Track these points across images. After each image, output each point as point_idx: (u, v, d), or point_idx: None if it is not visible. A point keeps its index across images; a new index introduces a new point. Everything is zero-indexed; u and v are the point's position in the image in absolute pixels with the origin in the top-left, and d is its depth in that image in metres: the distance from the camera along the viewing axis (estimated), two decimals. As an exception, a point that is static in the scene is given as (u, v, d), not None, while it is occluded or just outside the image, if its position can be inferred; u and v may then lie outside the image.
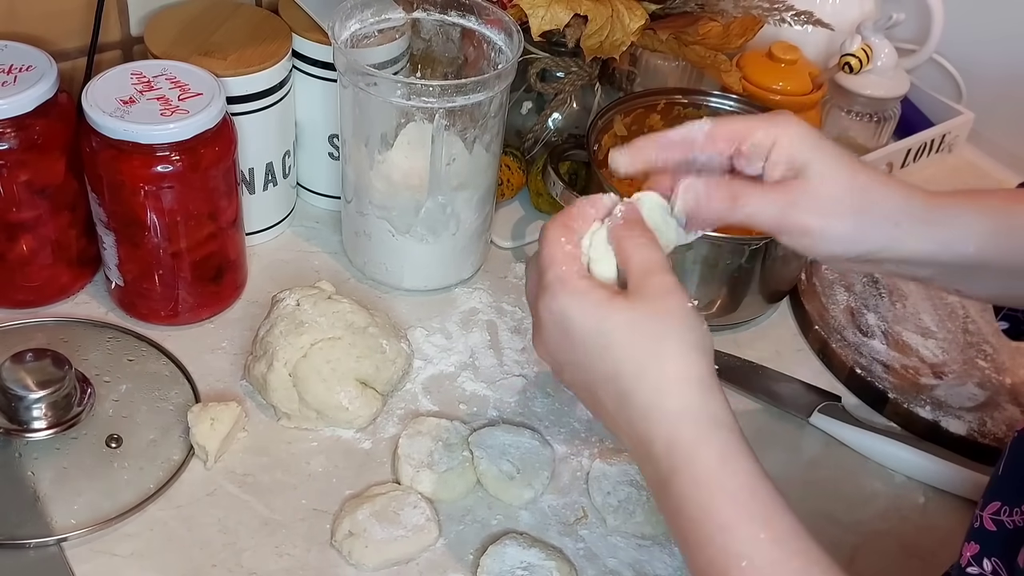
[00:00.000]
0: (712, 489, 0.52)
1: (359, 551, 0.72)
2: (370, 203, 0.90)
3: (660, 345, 0.55)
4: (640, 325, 0.55)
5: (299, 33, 0.91)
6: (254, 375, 0.81)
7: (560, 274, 0.57)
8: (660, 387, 0.54)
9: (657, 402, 0.54)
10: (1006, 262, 0.64)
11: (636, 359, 0.55)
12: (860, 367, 0.91)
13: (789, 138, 0.61)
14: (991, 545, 0.59)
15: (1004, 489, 0.60)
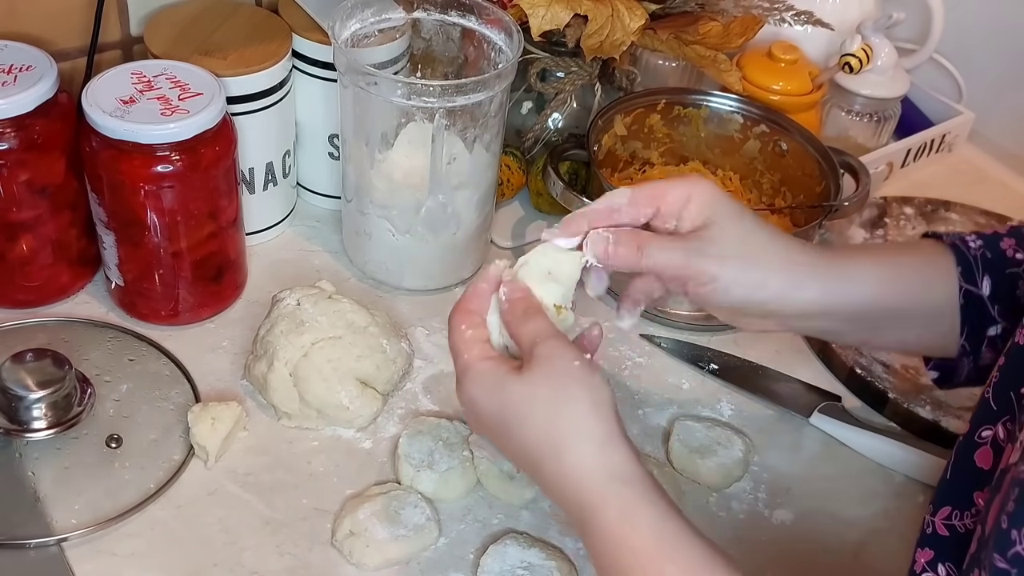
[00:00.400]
0: (616, 543, 0.56)
1: (360, 550, 0.72)
2: (370, 202, 0.91)
3: (555, 411, 0.58)
4: (534, 396, 0.58)
5: (299, 33, 0.91)
6: (254, 375, 0.81)
7: (464, 362, 0.61)
8: (560, 454, 0.57)
9: (559, 469, 0.57)
10: (901, 307, 0.69)
11: (536, 430, 0.58)
12: (860, 367, 0.91)
13: (700, 195, 0.65)
14: (944, 550, 0.60)
15: (953, 494, 0.62)
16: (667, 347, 0.93)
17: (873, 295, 0.68)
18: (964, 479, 0.61)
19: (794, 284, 0.66)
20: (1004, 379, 0.61)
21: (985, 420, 0.61)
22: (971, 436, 0.62)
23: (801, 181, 1.00)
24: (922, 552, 0.62)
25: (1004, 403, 0.60)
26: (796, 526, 0.80)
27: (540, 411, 0.58)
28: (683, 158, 1.06)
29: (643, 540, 0.55)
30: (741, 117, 1.03)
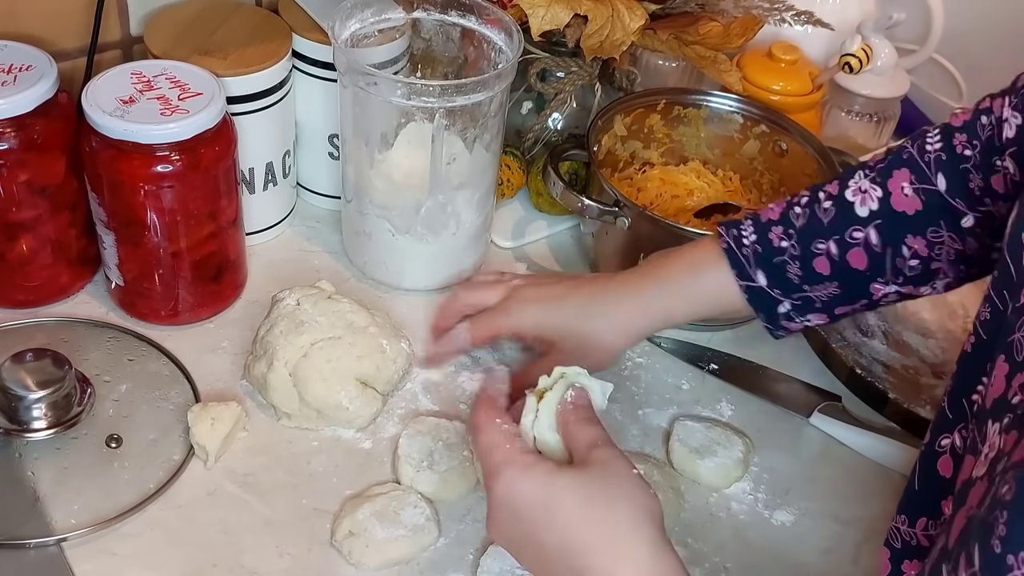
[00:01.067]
0: None
1: (359, 551, 0.72)
2: (370, 203, 0.90)
3: (609, 511, 0.58)
4: (587, 493, 0.58)
5: (299, 33, 0.91)
6: (254, 375, 0.81)
7: (505, 453, 0.61)
8: (614, 552, 0.57)
9: (611, 567, 0.56)
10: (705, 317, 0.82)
11: (588, 524, 0.57)
12: (860, 367, 0.91)
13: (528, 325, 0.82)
14: None
15: (924, 504, 0.63)
16: (667, 347, 0.93)
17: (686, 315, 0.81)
18: (931, 489, 0.62)
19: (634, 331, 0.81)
20: (957, 387, 0.63)
21: (943, 429, 0.63)
22: (931, 445, 0.63)
23: (801, 181, 1.00)
24: (910, 564, 0.63)
25: (958, 411, 0.61)
26: (796, 526, 0.80)
27: (596, 506, 0.57)
28: (683, 158, 1.06)
29: None
30: (741, 117, 1.03)
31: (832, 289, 0.77)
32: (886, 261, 0.75)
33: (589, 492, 0.58)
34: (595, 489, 0.58)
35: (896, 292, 0.77)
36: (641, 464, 0.80)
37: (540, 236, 1.03)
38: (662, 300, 0.80)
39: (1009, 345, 0.55)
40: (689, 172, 1.05)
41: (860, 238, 0.75)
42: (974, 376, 0.60)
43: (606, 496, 0.58)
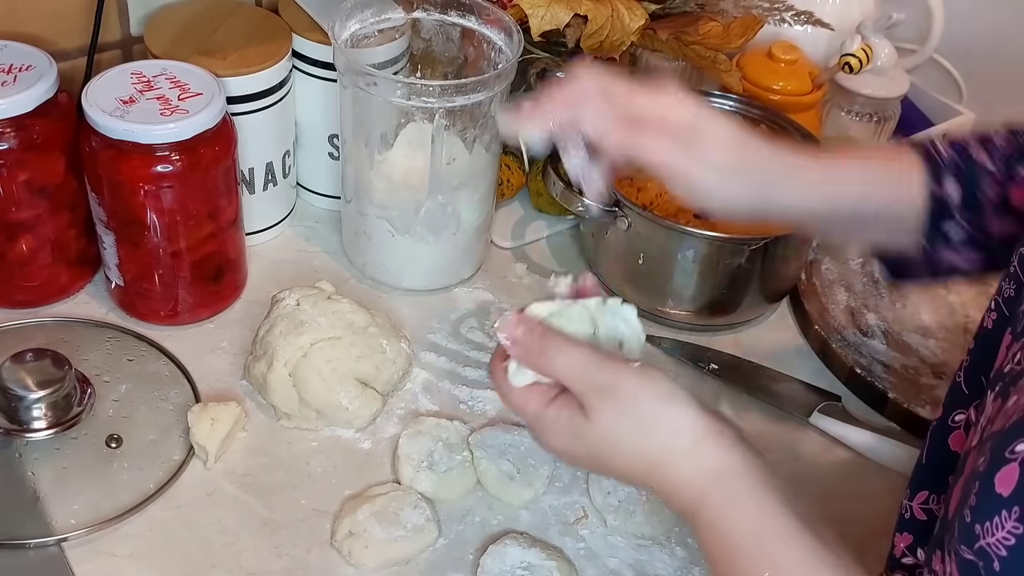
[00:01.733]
0: (717, 540, 0.56)
1: (359, 551, 0.72)
2: (370, 203, 0.90)
3: (637, 442, 0.58)
4: (614, 436, 0.58)
5: (299, 33, 0.91)
6: (254, 375, 0.81)
7: (531, 415, 0.61)
8: (657, 475, 0.58)
9: (660, 487, 0.58)
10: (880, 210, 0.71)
11: (628, 464, 0.59)
12: (860, 367, 0.91)
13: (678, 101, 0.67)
14: (924, 534, 0.60)
15: (929, 478, 0.62)
16: (667, 347, 0.93)
17: (846, 198, 0.70)
18: (939, 463, 0.61)
19: (781, 191, 0.69)
20: (974, 363, 0.62)
21: (958, 404, 0.62)
22: (944, 420, 0.62)
23: (801, 181, 1.00)
24: (901, 537, 0.62)
25: (975, 387, 0.61)
26: (796, 526, 0.79)
27: (625, 447, 0.58)
28: (683, 158, 1.06)
29: (741, 535, 0.55)
30: (741, 117, 1.03)
31: (1013, 228, 0.69)
32: None
33: (614, 436, 0.58)
34: (617, 429, 0.58)
35: None
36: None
37: (540, 236, 1.03)
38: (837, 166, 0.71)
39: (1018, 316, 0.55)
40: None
41: None
42: (993, 352, 0.59)
43: (628, 431, 0.58)
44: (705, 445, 0.57)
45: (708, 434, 0.57)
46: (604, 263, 0.97)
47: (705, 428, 0.57)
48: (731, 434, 0.58)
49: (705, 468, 0.56)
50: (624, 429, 0.58)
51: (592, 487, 0.79)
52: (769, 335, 0.95)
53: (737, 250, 0.90)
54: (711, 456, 0.57)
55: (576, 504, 0.78)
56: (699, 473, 0.56)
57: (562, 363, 0.59)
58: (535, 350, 0.60)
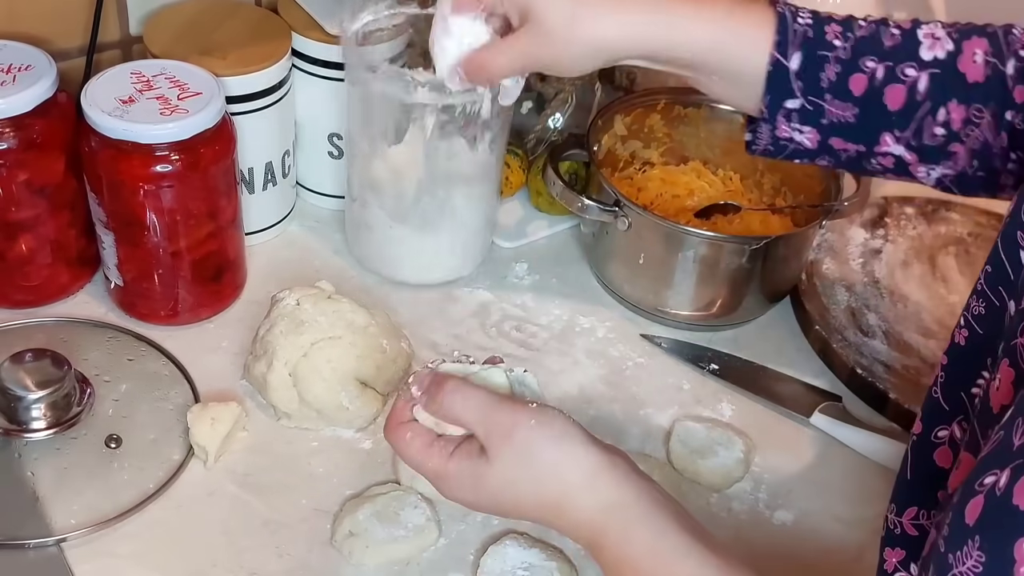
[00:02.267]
0: (618, 565, 0.59)
1: (360, 551, 0.72)
2: (372, 194, 0.90)
3: (537, 485, 0.61)
4: (513, 481, 0.61)
5: (299, 32, 0.91)
6: (254, 375, 0.81)
7: (432, 470, 0.63)
8: (560, 514, 0.61)
9: (564, 526, 0.61)
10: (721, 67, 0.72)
11: (531, 506, 0.61)
12: (861, 367, 0.91)
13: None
14: (916, 550, 0.60)
15: (917, 494, 0.63)
16: (667, 347, 0.92)
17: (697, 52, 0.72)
18: (926, 479, 0.62)
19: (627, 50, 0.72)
20: (950, 379, 0.62)
21: (939, 420, 0.62)
22: (926, 436, 0.63)
23: (802, 181, 1.00)
24: (892, 552, 0.63)
25: (955, 403, 0.61)
26: (797, 527, 0.79)
27: (526, 490, 0.61)
28: (683, 158, 1.06)
29: (639, 558, 0.58)
30: (741, 117, 1.03)
31: (849, 114, 0.71)
32: (917, 113, 0.70)
33: (514, 481, 0.61)
34: (514, 473, 0.61)
35: (896, 159, 0.72)
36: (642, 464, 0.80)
37: (540, 236, 1.03)
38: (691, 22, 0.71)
39: (1013, 350, 0.55)
40: (689, 172, 1.05)
41: (910, 77, 0.69)
42: (971, 370, 0.60)
43: (526, 475, 0.60)
44: (598, 481, 0.60)
45: (600, 470, 0.60)
46: (604, 263, 0.97)
47: (597, 464, 0.60)
48: (622, 465, 0.61)
49: (601, 502, 0.59)
50: (523, 473, 0.60)
51: (592, 487, 0.79)
52: (769, 335, 0.95)
53: (737, 250, 0.90)
54: (605, 490, 0.60)
55: (576, 504, 0.78)
56: (596, 508, 0.59)
57: (462, 405, 0.62)
58: (438, 395, 0.63)
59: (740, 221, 0.99)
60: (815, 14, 0.72)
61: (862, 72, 0.70)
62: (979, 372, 0.59)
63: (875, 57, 0.70)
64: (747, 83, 0.72)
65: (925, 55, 0.70)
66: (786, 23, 0.70)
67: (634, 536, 0.58)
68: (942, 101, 0.69)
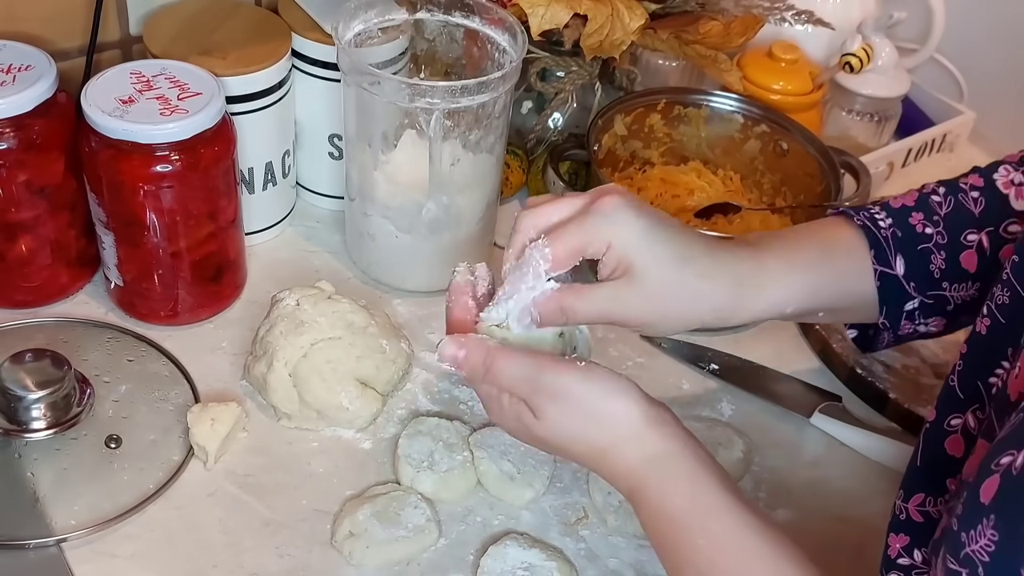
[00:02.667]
0: (656, 515, 0.61)
1: (360, 551, 0.72)
2: (373, 204, 0.90)
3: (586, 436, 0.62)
4: (561, 434, 0.62)
5: (299, 33, 0.91)
6: (254, 375, 0.81)
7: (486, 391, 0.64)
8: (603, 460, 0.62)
9: (604, 471, 0.63)
10: (826, 308, 0.71)
11: (577, 453, 0.63)
12: (861, 367, 0.91)
13: (620, 240, 0.64)
14: (921, 536, 0.61)
15: (926, 481, 0.63)
16: (667, 347, 0.92)
17: (801, 304, 0.70)
18: (936, 466, 0.62)
19: (720, 319, 0.68)
20: (968, 368, 0.62)
21: (953, 408, 0.62)
22: (939, 424, 0.63)
23: (802, 181, 1.00)
24: (896, 537, 0.63)
25: (972, 392, 0.61)
26: (797, 526, 0.79)
27: (575, 439, 0.62)
28: (683, 158, 1.06)
29: (678, 510, 0.60)
30: (741, 117, 1.03)
31: (972, 291, 0.70)
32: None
33: (563, 434, 0.62)
34: (567, 429, 0.62)
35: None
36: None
37: (540, 236, 1.03)
38: (787, 277, 0.69)
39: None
40: (689, 172, 1.05)
41: (1015, 232, 0.68)
42: (991, 359, 0.60)
43: (577, 430, 0.62)
44: (645, 434, 0.61)
45: (648, 424, 0.61)
46: (604, 263, 0.97)
47: (647, 418, 0.61)
48: (670, 421, 0.62)
49: (646, 454, 0.61)
50: (574, 426, 0.62)
51: (592, 487, 0.79)
52: (769, 335, 0.95)
53: (738, 250, 0.90)
54: (651, 443, 0.61)
55: (577, 504, 0.78)
56: (641, 459, 0.61)
57: (510, 373, 0.62)
58: (480, 367, 0.63)
59: (740, 221, 0.99)
60: (886, 208, 0.72)
61: (968, 248, 0.70)
62: (999, 361, 0.59)
63: (973, 228, 0.70)
64: (859, 304, 0.72)
65: (1018, 206, 0.69)
66: (873, 233, 0.70)
67: (674, 489, 0.60)
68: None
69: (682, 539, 0.59)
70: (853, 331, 0.78)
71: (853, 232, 0.71)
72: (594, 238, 0.64)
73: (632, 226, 0.64)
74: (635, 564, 0.75)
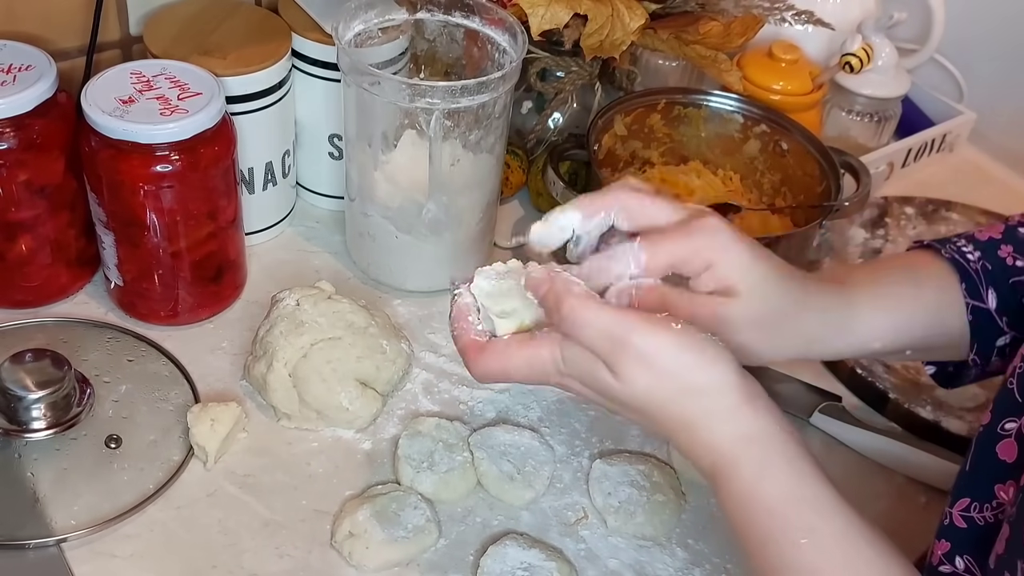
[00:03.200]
0: (749, 504, 0.55)
1: (360, 552, 0.72)
2: (374, 204, 0.90)
3: (678, 406, 0.56)
4: (649, 399, 0.56)
5: (299, 33, 0.91)
6: (254, 375, 0.81)
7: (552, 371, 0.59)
8: (690, 431, 0.57)
9: (690, 441, 0.57)
10: (918, 346, 0.69)
11: (661, 421, 0.57)
12: (861, 367, 0.91)
13: (724, 262, 0.62)
14: (962, 542, 0.59)
15: (972, 485, 0.61)
16: (667, 347, 0.92)
17: (889, 340, 0.68)
18: (985, 471, 0.60)
19: (813, 350, 0.66)
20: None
21: (1009, 412, 0.59)
22: (993, 427, 0.60)
23: (802, 181, 1.00)
24: (939, 544, 0.61)
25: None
26: (797, 527, 0.79)
27: (660, 406, 0.57)
28: (683, 158, 1.06)
29: (775, 499, 0.54)
30: (741, 117, 1.03)
31: None
32: None
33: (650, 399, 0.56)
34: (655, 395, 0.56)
35: None
36: (641, 464, 0.80)
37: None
38: (877, 312, 0.67)
39: None
40: (689, 172, 1.05)
41: None
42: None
43: (667, 396, 0.56)
44: (743, 411, 0.56)
45: (747, 399, 0.56)
46: (604, 263, 0.97)
47: (745, 393, 0.56)
48: (764, 395, 0.57)
49: (741, 433, 0.55)
50: (662, 393, 0.56)
51: (592, 488, 0.79)
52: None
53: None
54: (746, 421, 0.56)
55: (576, 505, 0.78)
56: (734, 437, 0.55)
57: (596, 325, 0.56)
58: (554, 309, 0.58)
59: (740, 221, 0.99)
60: (972, 240, 0.71)
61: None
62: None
63: None
64: (947, 340, 0.69)
65: None
66: (963, 267, 0.69)
67: (773, 474, 0.54)
68: None
69: (780, 534, 0.54)
70: (931, 367, 0.76)
71: (942, 265, 0.69)
72: (695, 256, 0.61)
73: (736, 250, 0.62)
74: (635, 564, 0.75)
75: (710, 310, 0.62)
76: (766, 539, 0.54)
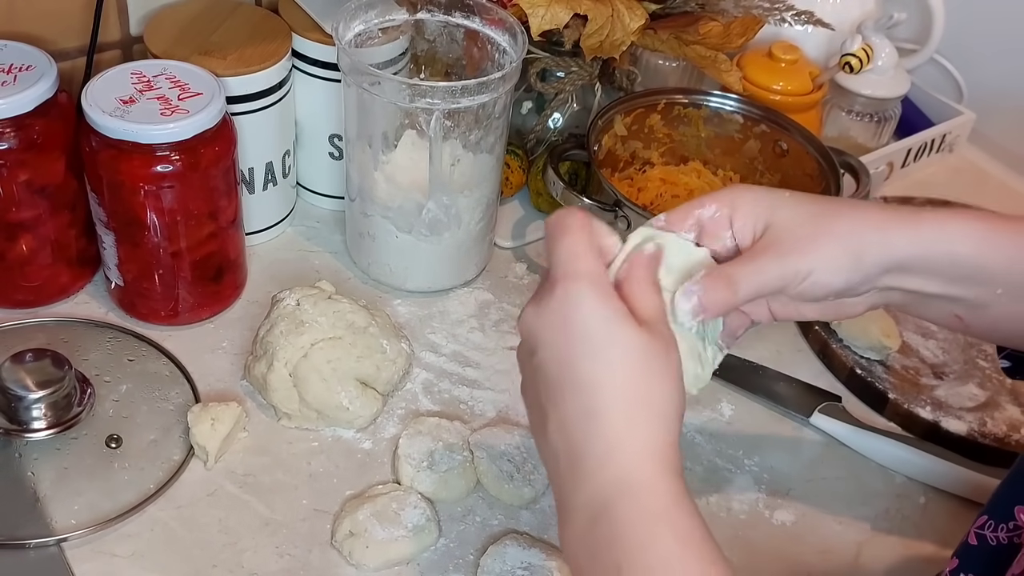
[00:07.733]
0: (661, 523, 0.51)
1: (360, 551, 0.72)
2: (374, 204, 0.90)
3: (652, 381, 0.53)
4: (645, 352, 0.53)
5: (299, 33, 0.91)
6: (254, 375, 0.81)
7: (591, 268, 0.54)
8: (635, 418, 0.53)
9: (626, 431, 0.52)
10: (998, 268, 0.60)
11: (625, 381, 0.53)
12: (860, 367, 0.91)
13: (744, 201, 0.60)
14: (971, 561, 0.59)
15: (995, 504, 0.59)
16: (667, 347, 0.92)
17: (973, 248, 0.60)
18: (1010, 491, 0.58)
19: (885, 244, 0.59)
20: None
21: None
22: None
23: (801, 181, 1.00)
24: (951, 560, 0.60)
25: None
26: (796, 526, 0.79)
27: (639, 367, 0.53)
28: (683, 158, 1.06)
29: (691, 531, 0.51)
30: (741, 117, 1.03)
31: None
32: None
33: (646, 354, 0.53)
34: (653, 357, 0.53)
35: None
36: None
37: (540, 236, 1.03)
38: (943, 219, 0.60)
39: None
40: (689, 172, 1.05)
41: None
42: None
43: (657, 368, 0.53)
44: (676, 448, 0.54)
45: (678, 445, 0.54)
46: (604, 263, 0.97)
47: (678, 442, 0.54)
48: None
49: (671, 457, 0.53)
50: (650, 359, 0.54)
51: (592, 487, 0.79)
52: (769, 335, 0.95)
53: (737, 250, 0.90)
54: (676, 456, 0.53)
55: (576, 504, 0.78)
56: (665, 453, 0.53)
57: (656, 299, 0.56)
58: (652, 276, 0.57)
59: (740, 221, 0.99)
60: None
61: None
62: None
63: None
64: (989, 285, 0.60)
65: None
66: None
67: (686, 510, 0.52)
68: None
69: None
70: (1006, 362, 0.71)
71: None
72: (709, 200, 0.60)
73: (752, 190, 0.61)
74: (635, 564, 0.75)
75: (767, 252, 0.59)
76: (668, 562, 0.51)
